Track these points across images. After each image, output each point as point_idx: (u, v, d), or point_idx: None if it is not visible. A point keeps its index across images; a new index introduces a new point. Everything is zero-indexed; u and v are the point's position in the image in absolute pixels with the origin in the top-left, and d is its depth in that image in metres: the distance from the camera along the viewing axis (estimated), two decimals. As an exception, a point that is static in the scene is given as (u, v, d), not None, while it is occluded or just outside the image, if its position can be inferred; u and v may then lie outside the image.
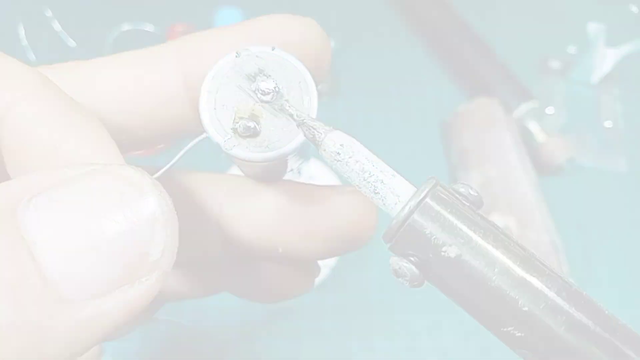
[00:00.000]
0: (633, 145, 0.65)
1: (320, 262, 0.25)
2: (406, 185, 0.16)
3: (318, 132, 0.16)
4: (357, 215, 0.20)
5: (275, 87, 0.17)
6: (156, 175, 0.16)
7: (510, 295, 0.14)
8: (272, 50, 0.18)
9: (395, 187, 0.16)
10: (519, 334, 0.14)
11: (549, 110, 0.65)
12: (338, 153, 0.16)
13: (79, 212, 0.13)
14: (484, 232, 0.15)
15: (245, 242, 0.21)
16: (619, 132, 0.66)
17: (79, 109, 0.16)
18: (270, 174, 0.20)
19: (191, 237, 0.21)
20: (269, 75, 0.17)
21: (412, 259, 0.15)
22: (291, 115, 0.17)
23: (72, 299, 0.13)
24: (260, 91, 0.17)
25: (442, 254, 0.14)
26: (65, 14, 0.68)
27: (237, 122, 0.17)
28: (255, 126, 0.17)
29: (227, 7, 0.72)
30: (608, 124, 0.67)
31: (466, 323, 0.53)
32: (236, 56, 0.17)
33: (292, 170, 0.21)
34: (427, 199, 0.15)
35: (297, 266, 0.23)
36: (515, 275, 0.14)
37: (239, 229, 0.21)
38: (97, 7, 0.70)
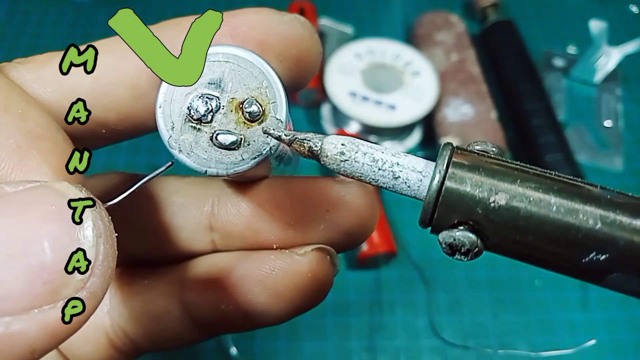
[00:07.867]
0: (631, 145, 0.65)
1: None
2: (422, 160, 0.15)
3: (313, 142, 0.15)
4: (351, 200, 0.19)
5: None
6: (116, 200, 0.15)
7: (579, 218, 0.13)
8: (242, 51, 0.16)
9: (414, 164, 0.15)
10: (604, 256, 0.13)
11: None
12: (342, 153, 0.15)
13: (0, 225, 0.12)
14: (521, 173, 0.14)
15: (238, 237, 0.20)
16: (618, 132, 0.66)
17: (34, 124, 0.15)
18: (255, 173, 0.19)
19: (181, 234, 0.21)
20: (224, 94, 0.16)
21: (461, 227, 0.14)
22: (278, 138, 0.16)
23: None
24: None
25: (492, 205, 0.13)
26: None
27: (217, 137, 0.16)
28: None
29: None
30: (608, 123, 0.66)
31: (465, 323, 0.53)
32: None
33: (279, 157, 0.20)
34: (453, 162, 0.14)
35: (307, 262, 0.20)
36: (570, 200, 0.13)
37: (231, 225, 0.20)
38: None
